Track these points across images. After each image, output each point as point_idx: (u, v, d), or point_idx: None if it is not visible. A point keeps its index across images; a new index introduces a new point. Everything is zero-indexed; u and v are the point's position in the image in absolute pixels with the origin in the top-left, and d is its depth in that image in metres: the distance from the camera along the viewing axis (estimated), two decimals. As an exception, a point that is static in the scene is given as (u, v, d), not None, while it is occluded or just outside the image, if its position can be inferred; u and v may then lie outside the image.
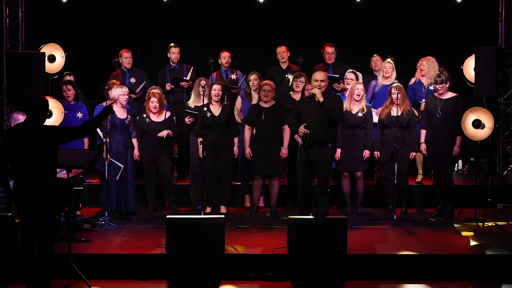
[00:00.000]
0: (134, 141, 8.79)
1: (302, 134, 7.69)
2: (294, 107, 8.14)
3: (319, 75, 7.88)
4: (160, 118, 8.82)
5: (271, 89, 8.72)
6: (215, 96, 8.64)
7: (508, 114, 10.22)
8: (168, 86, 9.63)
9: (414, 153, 8.57)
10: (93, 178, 9.53)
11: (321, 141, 7.74)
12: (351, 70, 9.14)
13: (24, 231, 6.16)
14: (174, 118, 9.04)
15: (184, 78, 9.66)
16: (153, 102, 8.75)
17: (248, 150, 8.73)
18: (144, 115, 8.82)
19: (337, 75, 9.35)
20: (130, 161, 8.67)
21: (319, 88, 7.75)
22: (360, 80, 9.04)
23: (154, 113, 8.79)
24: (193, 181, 8.98)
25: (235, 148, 8.71)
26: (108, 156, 8.42)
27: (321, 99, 7.70)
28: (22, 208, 6.11)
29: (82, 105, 9.24)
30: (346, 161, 8.62)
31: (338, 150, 8.51)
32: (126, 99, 8.72)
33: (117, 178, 8.53)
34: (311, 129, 7.67)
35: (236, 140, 8.73)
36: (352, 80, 9.00)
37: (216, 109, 8.68)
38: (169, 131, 8.74)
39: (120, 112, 8.68)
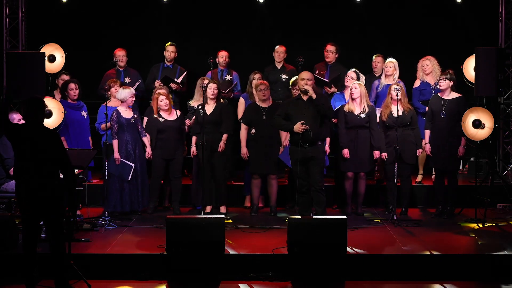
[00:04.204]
0: (145, 140, 8.78)
1: (303, 130, 7.70)
2: (280, 108, 8.16)
3: (305, 74, 7.92)
4: (173, 117, 8.80)
5: (267, 87, 8.75)
6: (211, 94, 8.64)
7: (508, 114, 10.22)
8: (157, 83, 9.61)
9: (420, 150, 8.58)
10: (95, 178, 9.57)
11: (316, 138, 7.77)
12: (354, 69, 9.12)
13: (25, 231, 6.18)
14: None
15: (176, 80, 9.64)
16: (162, 100, 8.74)
17: (245, 150, 8.72)
18: (155, 116, 8.80)
19: (327, 80, 9.35)
20: (138, 160, 8.65)
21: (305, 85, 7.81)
22: (362, 81, 9.02)
23: (166, 110, 8.76)
24: (194, 180, 8.99)
25: (221, 144, 8.66)
26: (118, 156, 8.42)
27: (314, 96, 7.75)
28: (24, 207, 6.14)
29: (84, 104, 9.26)
30: (350, 161, 8.61)
31: (346, 150, 8.54)
32: (133, 100, 8.72)
33: (129, 178, 8.52)
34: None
35: (224, 136, 8.67)
36: (353, 78, 9.00)
37: (209, 108, 8.67)
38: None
39: (126, 112, 8.67)
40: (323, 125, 7.94)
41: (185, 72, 9.77)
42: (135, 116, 8.71)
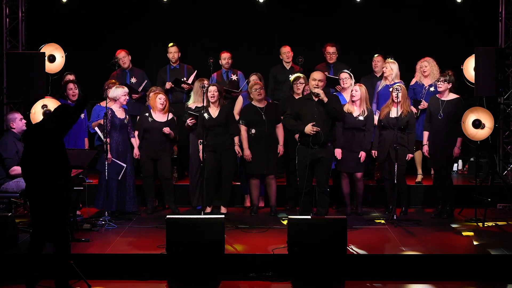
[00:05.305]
0: (133, 141, 8.78)
1: (314, 133, 7.69)
2: (290, 108, 8.16)
3: (317, 75, 7.91)
4: (163, 119, 8.82)
5: (261, 87, 8.78)
6: (211, 97, 8.64)
7: (508, 114, 10.22)
8: (169, 85, 9.63)
9: (411, 155, 8.57)
10: (92, 179, 9.53)
11: (326, 140, 7.77)
12: (345, 70, 9.12)
13: (33, 231, 6.22)
14: (175, 118, 9.04)
15: (185, 80, 9.65)
16: (161, 99, 8.76)
17: (248, 152, 8.72)
18: (147, 114, 8.81)
19: (337, 77, 9.34)
20: (129, 161, 8.65)
21: (316, 87, 7.79)
22: (352, 80, 9.03)
23: (161, 110, 8.77)
24: (192, 182, 8.99)
25: (237, 148, 8.71)
26: (110, 156, 8.42)
27: (325, 99, 7.74)
28: (33, 207, 6.18)
29: None
30: (346, 162, 8.62)
31: (338, 150, 8.53)
32: (126, 99, 8.72)
33: (119, 178, 8.50)
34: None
35: (236, 139, 8.73)
36: (346, 79, 8.99)
37: (214, 111, 8.68)
38: (171, 131, 8.76)
39: (119, 112, 8.66)
40: (333, 127, 7.95)
41: (195, 71, 9.78)
42: (127, 117, 8.71)
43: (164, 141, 8.82)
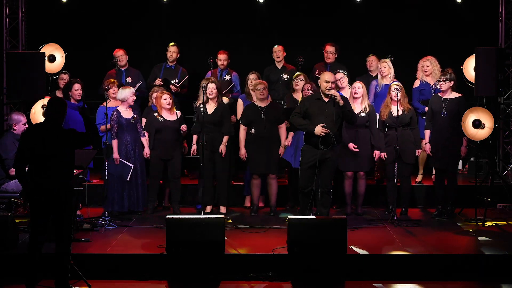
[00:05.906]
0: (144, 140, 8.76)
1: (324, 134, 7.67)
2: (296, 106, 8.13)
3: (329, 76, 7.82)
4: (174, 117, 8.82)
5: (265, 87, 8.75)
6: (209, 93, 8.65)
7: (508, 114, 10.22)
8: (158, 81, 9.62)
9: (420, 150, 8.59)
10: (94, 178, 9.54)
11: (336, 141, 7.76)
12: (340, 71, 9.11)
13: (32, 231, 6.20)
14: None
15: (175, 82, 9.65)
16: (166, 99, 8.76)
17: (243, 151, 8.72)
18: (156, 114, 8.80)
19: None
20: (138, 161, 8.64)
21: (330, 89, 7.74)
22: (346, 79, 9.04)
23: (168, 110, 8.77)
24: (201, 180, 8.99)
25: (221, 146, 8.68)
26: (117, 157, 8.42)
27: (341, 102, 7.70)
28: (33, 208, 6.16)
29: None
30: (350, 160, 8.61)
31: (351, 144, 8.49)
32: (134, 99, 8.72)
33: (128, 179, 8.50)
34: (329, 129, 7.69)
35: (225, 138, 8.70)
36: (343, 78, 8.97)
37: (210, 107, 8.69)
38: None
39: (126, 112, 8.65)
40: (341, 128, 7.93)
41: (187, 76, 9.77)
42: (135, 116, 8.71)
43: (176, 140, 8.82)
